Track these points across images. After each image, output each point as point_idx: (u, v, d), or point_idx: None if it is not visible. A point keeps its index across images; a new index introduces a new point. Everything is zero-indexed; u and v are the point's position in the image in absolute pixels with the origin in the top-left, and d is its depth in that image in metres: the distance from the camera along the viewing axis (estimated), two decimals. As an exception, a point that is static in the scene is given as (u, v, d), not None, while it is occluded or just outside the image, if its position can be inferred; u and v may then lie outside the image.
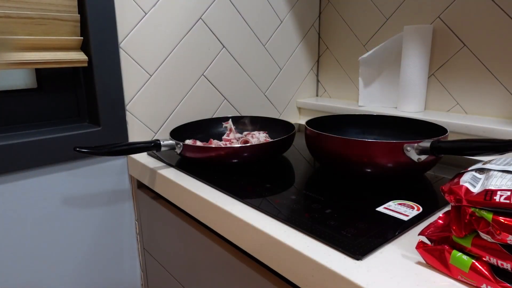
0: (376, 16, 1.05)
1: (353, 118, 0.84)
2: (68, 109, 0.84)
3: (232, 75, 1.03)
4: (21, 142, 0.71)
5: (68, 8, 0.74)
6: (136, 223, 0.92)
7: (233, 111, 1.06)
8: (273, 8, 1.07)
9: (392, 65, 1.03)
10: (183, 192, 0.66)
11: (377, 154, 0.58)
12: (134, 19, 0.82)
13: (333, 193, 0.59)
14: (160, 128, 0.92)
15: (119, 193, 0.88)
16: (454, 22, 0.90)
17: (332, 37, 1.19)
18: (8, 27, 0.68)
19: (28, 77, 0.80)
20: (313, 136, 0.67)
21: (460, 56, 0.90)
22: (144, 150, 0.72)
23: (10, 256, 0.74)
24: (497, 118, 0.86)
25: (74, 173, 0.80)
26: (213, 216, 0.59)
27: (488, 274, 0.35)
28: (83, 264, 0.84)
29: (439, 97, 0.96)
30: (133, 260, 0.93)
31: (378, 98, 1.07)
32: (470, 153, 0.50)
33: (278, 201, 0.57)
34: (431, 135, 0.69)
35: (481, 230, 0.35)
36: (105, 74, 0.79)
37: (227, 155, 0.69)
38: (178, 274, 0.79)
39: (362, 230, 0.47)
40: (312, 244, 0.45)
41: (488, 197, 0.35)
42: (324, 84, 1.26)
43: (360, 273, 0.39)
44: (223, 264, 0.63)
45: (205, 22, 0.94)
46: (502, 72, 0.84)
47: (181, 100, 0.94)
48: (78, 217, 0.82)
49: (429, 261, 0.40)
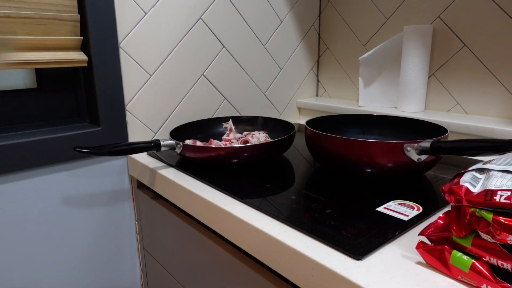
0: (376, 16, 1.05)
1: (353, 118, 0.84)
2: (68, 109, 0.84)
3: (232, 75, 1.03)
4: (21, 142, 0.71)
5: (68, 8, 0.74)
6: (136, 223, 0.92)
7: (233, 111, 1.06)
8: (273, 8, 1.07)
9: (392, 65, 1.03)
10: (183, 192, 0.66)
11: (377, 154, 0.58)
12: (134, 19, 0.82)
13: (333, 193, 0.59)
14: (160, 128, 0.92)
15: (119, 193, 0.88)
16: (454, 22, 0.90)
17: (332, 37, 1.19)
18: (8, 27, 0.68)
19: (28, 77, 0.80)
20: (313, 136, 0.67)
21: (460, 56, 0.90)
22: (144, 150, 0.72)
23: (10, 256, 0.74)
24: (497, 118, 0.86)
25: (74, 173, 0.80)
26: (213, 216, 0.59)
27: (488, 274, 0.35)
28: (83, 264, 0.84)
29: (439, 97, 0.96)
30: (133, 260, 0.93)
31: (378, 98, 1.07)
32: (470, 153, 0.50)
33: (278, 201, 0.57)
34: (431, 135, 0.69)
35: (481, 230, 0.35)
36: (105, 74, 0.79)
37: (227, 155, 0.69)
38: (178, 274, 0.79)
39: (362, 230, 0.47)
40: (312, 244, 0.45)
41: (488, 197, 0.35)
42: (324, 84, 1.26)
43: (360, 273, 0.39)
44: (223, 264, 0.63)
45: (205, 22, 0.94)
46: (502, 72, 0.84)
47: (181, 100, 0.94)
48: (78, 217, 0.82)
49: (429, 261, 0.40)
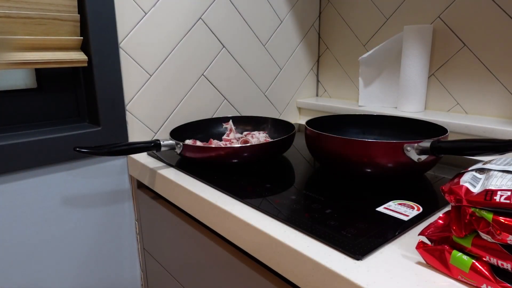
0: (376, 16, 1.05)
1: (353, 118, 0.84)
2: (68, 109, 0.84)
3: (232, 75, 1.03)
4: (21, 142, 0.71)
5: (68, 8, 0.74)
6: (136, 223, 0.92)
7: (233, 111, 1.06)
8: (273, 8, 1.07)
9: (392, 65, 1.03)
10: (183, 192, 0.66)
11: (377, 154, 0.58)
12: (134, 19, 0.82)
13: (333, 193, 0.59)
14: (160, 128, 0.92)
15: (119, 193, 0.88)
16: (454, 22, 0.89)
17: (332, 37, 1.19)
18: (8, 27, 0.68)
19: (28, 77, 0.80)
20: (313, 136, 0.67)
21: (460, 56, 0.90)
22: (144, 150, 0.72)
23: (10, 256, 0.74)
24: (497, 118, 0.86)
25: (74, 173, 0.80)
26: (213, 216, 0.59)
27: (488, 274, 0.35)
28: (83, 264, 0.84)
29: (439, 97, 0.96)
30: (133, 260, 0.93)
31: (378, 98, 1.07)
32: (470, 153, 0.50)
33: (278, 201, 0.57)
34: (431, 135, 0.69)
35: (481, 230, 0.35)
36: (105, 74, 0.79)
37: (227, 155, 0.69)
38: (178, 274, 0.79)
39: (362, 230, 0.47)
40: (312, 244, 0.45)
41: (488, 197, 0.35)
42: (324, 84, 1.26)
43: (360, 273, 0.39)
44: (223, 264, 0.63)
45: (205, 22, 0.94)
46: (502, 72, 0.84)
47: (181, 100, 0.94)
48: (78, 217, 0.82)
49: (429, 261, 0.40)
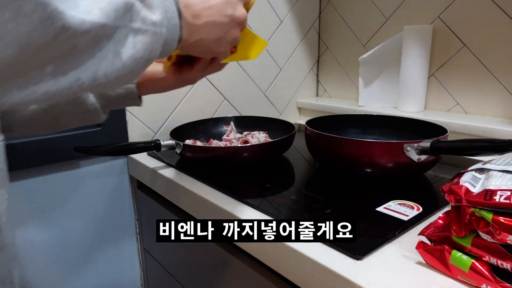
0: (376, 16, 1.05)
1: (353, 118, 0.84)
2: (68, 109, 0.84)
3: (232, 75, 1.03)
4: (21, 142, 0.71)
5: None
6: (136, 223, 0.92)
7: (233, 111, 1.06)
8: (273, 8, 1.07)
9: (392, 65, 1.03)
10: (183, 192, 0.66)
11: (377, 154, 0.58)
12: (134, 19, 0.82)
13: (333, 193, 0.59)
14: (160, 128, 0.92)
15: (119, 193, 0.87)
16: (454, 22, 0.89)
17: (332, 37, 1.19)
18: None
19: (28, 77, 0.80)
20: (313, 136, 0.67)
21: (460, 56, 0.90)
22: (144, 150, 0.72)
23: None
24: (497, 118, 0.86)
25: (74, 173, 0.80)
26: (213, 216, 0.59)
27: (488, 274, 0.35)
28: (83, 264, 0.84)
29: (439, 97, 0.96)
30: (133, 260, 0.93)
31: (378, 98, 1.07)
32: (470, 153, 0.50)
33: (278, 201, 0.57)
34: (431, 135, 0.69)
35: (481, 230, 0.35)
36: (105, 74, 0.79)
37: (227, 155, 0.69)
38: (178, 274, 0.79)
39: (362, 230, 0.47)
40: (312, 244, 0.45)
41: (488, 197, 0.35)
42: (324, 84, 1.26)
43: (360, 273, 0.39)
44: (223, 264, 0.63)
45: (205, 22, 0.94)
46: (502, 72, 0.84)
47: (181, 100, 0.94)
48: (78, 217, 0.82)
49: (429, 261, 0.40)
